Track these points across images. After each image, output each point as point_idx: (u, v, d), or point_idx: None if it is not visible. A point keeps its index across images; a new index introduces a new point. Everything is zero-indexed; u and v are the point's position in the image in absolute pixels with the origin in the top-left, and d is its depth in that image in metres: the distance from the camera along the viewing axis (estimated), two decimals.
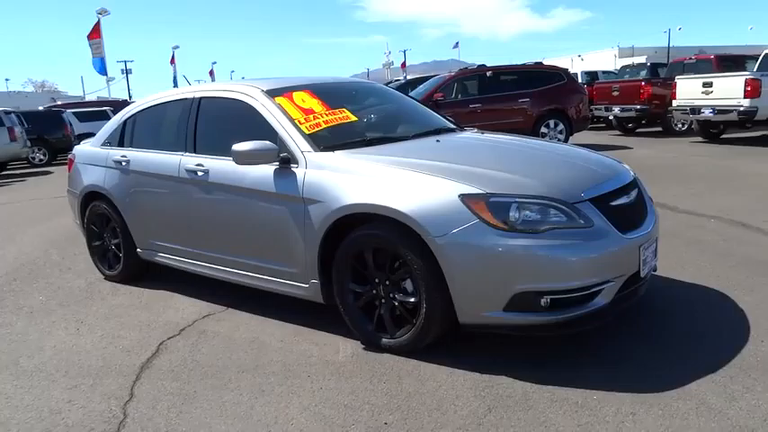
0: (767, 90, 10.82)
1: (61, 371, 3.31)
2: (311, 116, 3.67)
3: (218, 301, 4.20)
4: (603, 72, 19.88)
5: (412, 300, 3.04)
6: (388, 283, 3.16)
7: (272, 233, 3.55)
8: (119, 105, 24.89)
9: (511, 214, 2.80)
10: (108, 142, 4.86)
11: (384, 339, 3.20)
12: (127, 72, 56.55)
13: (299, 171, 3.39)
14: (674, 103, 12.59)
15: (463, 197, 2.85)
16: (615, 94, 14.59)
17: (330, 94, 4.02)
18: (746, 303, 3.57)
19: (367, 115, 3.97)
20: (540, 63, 13.20)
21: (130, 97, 46.98)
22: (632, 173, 3.53)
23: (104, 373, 3.23)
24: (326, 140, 3.53)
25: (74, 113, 21.31)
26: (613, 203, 3.07)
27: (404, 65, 58.98)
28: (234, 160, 3.49)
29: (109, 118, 21.50)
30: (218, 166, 3.82)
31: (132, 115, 4.76)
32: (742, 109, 11.03)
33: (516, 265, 2.77)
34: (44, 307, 4.44)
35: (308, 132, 3.54)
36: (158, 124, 4.60)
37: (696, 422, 2.41)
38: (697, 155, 10.73)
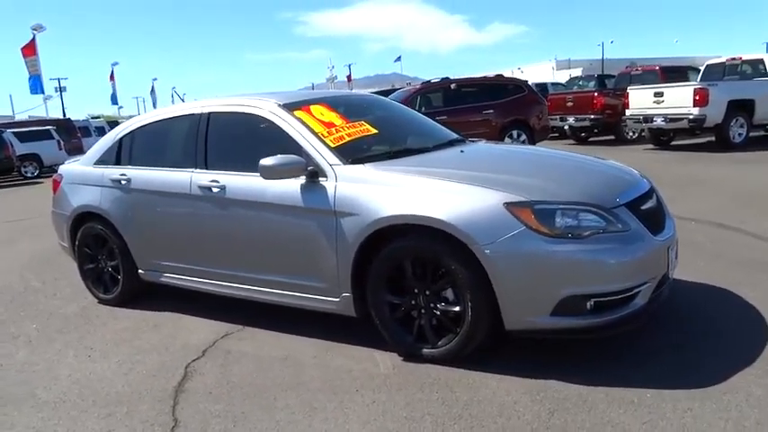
0: (714, 99, 11.47)
1: (87, 400, 3.15)
2: (333, 129, 3.66)
3: (232, 320, 4.09)
4: (553, 84, 20.62)
5: (456, 309, 3.06)
6: (428, 293, 3.17)
7: (298, 247, 3.51)
8: (61, 124, 23.98)
9: (556, 221, 2.88)
10: (102, 161, 4.68)
11: (425, 350, 3.20)
12: (61, 90, 54.51)
13: (328, 184, 3.37)
14: (627, 112, 13.16)
15: (508, 205, 2.90)
16: (569, 104, 15.14)
17: (345, 106, 4.03)
18: (755, 299, 3.76)
19: (383, 127, 3.98)
20: (501, 75, 13.57)
21: (64, 115, 45.24)
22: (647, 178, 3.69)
23: (137, 400, 3.09)
24: (353, 153, 3.53)
25: (14, 133, 20.30)
26: (643, 208, 3.19)
27: (349, 78, 59.33)
28: (261, 175, 3.43)
29: (52, 137, 20.98)
30: (236, 181, 3.75)
31: (129, 133, 4.60)
32: (692, 117, 11.64)
33: (564, 270, 2.84)
34: (42, 335, 4.21)
35: (333, 146, 3.52)
36: (161, 141, 4.47)
37: (751, 413, 2.53)
38: (654, 161, 11.23)
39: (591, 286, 2.87)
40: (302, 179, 3.45)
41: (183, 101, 6.29)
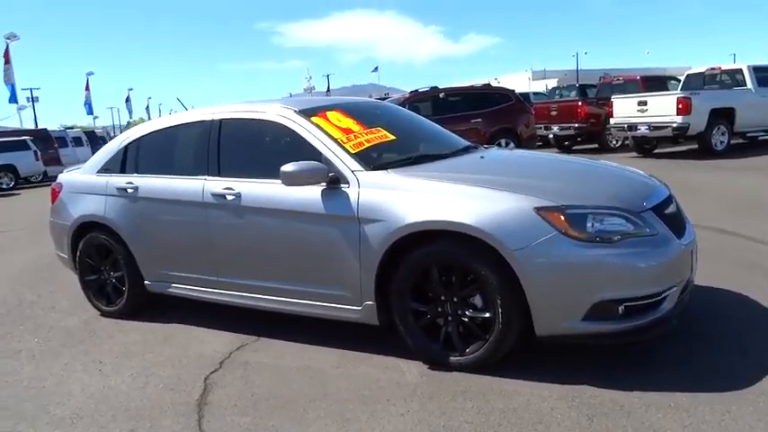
0: (697, 108, 11.69)
1: (106, 415, 3.04)
2: (351, 135, 3.63)
3: (243, 331, 4.01)
4: (535, 93, 20.89)
5: (486, 315, 3.03)
6: (455, 299, 3.13)
7: (318, 255, 3.45)
8: (37, 135, 23.44)
9: (588, 225, 2.88)
10: (106, 169, 4.57)
11: (452, 357, 3.16)
12: (33, 100, 53.83)
13: (350, 191, 3.33)
14: (612, 120, 13.36)
15: (539, 210, 2.89)
16: (554, 113, 15.32)
17: (360, 113, 3.99)
18: (767, 300, 3.81)
19: (399, 133, 3.95)
20: (489, 84, 13.69)
21: (36, 125, 44.49)
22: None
23: (159, 414, 3.00)
24: (373, 159, 3.50)
25: None
26: (666, 212, 3.21)
27: (328, 89, 59.34)
28: (282, 181, 3.38)
29: (29, 148, 20.53)
30: (252, 188, 3.68)
31: (134, 141, 4.50)
32: (675, 125, 11.85)
33: (596, 274, 2.84)
34: (46, 349, 4.07)
35: (353, 152, 3.49)
36: (170, 149, 4.38)
37: None
38: (642, 169, 11.39)
39: (623, 290, 2.86)
40: (322, 186, 3.40)
41: (186, 109, 6.15)
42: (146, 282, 4.38)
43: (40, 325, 4.61)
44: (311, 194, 3.42)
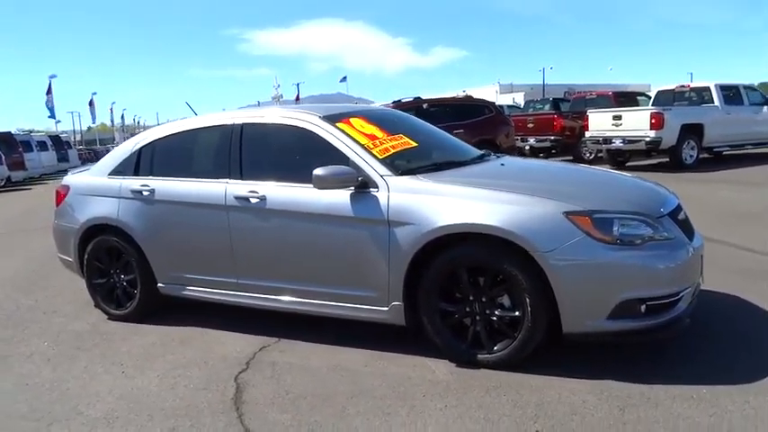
0: (669, 123, 12.20)
1: (142, 415, 3.06)
2: (377, 141, 3.74)
3: (262, 333, 4.05)
4: (509, 106, 21.38)
5: (516, 314, 3.17)
6: (484, 299, 3.26)
7: (346, 257, 3.54)
8: (1, 138, 22.83)
9: (614, 229, 3.05)
10: (119, 171, 4.56)
11: (480, 355, 3.28)
12: None
13: (380, 195, 3.43)
14: (587, 133, 13.80)
15: (568, 214, 3.05)
16: (530, 126, 15.73)
17: (381, 120, 4.11)
18: (764, 303, 4.06)
19: (419, 140, 4.07)
20: (470, 96, 13.97)
21: None
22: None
23: (196, 413, 3.03)
24: (401, 165, 3.62)
25: None
26: (679, 218, 3.42)
27: (298, 97, 59.20)
28: (314, 185, 3.47)
29: None
30: (278, 191, 3.75)
31: (149, 143, 4.51)
32: (648, 139, 12.33)
33: (621, 275, 3.01)
34: (59, 353, 4.04)
35: (380, 157, 3.60)
36: (187, 152, 4.41)
37: None
38: None
39: (645, 290, 3.04)
40: (351, 189, 3.50)
41: (195, 114, 6.14)
42: (159, 285, 4.38)
43: (44, 329, 4.55)
44: (340, 198, 3.51)
